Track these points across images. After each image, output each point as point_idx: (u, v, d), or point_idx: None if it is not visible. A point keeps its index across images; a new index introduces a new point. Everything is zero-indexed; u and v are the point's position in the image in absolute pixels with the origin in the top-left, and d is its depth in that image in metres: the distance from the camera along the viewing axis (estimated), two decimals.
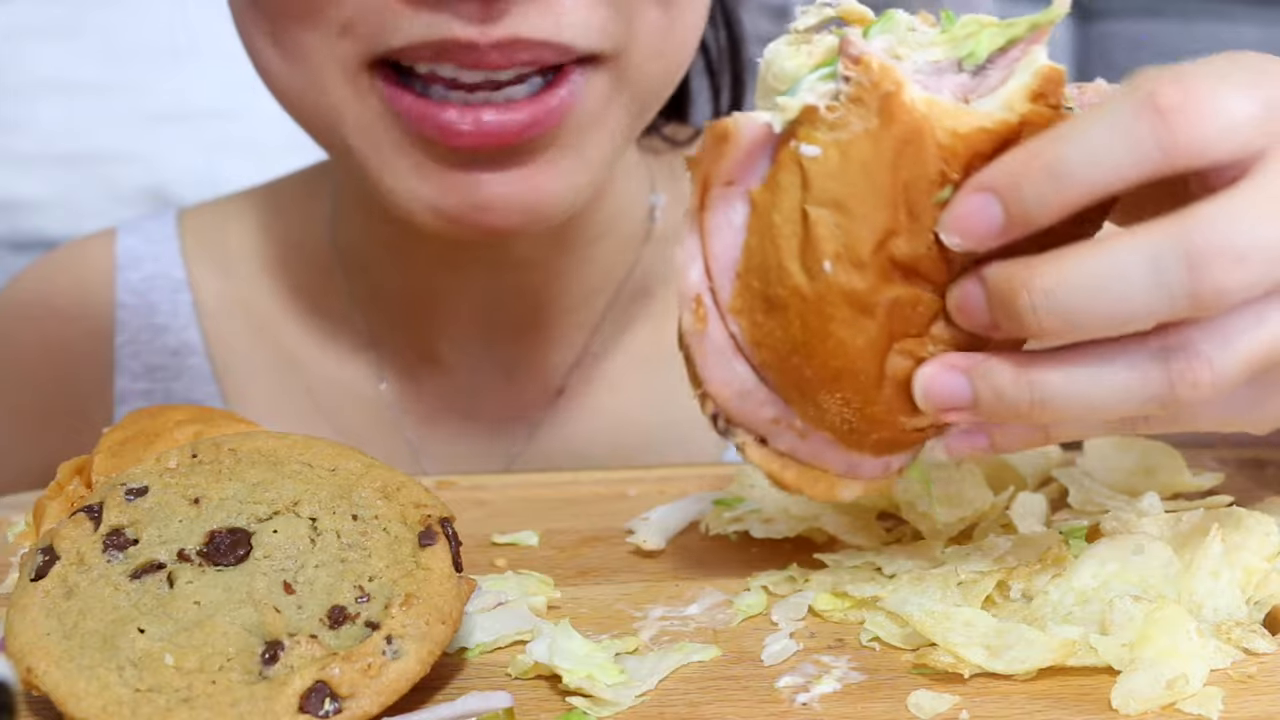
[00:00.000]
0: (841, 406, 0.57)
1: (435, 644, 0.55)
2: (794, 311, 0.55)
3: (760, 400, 0.59)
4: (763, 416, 0.59)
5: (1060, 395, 0.54)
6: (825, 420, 0.58)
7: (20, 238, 1.75)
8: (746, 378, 0.59)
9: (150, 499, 0.61)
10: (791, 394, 0.58)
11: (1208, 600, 0.60)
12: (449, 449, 0.95)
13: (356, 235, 0.95)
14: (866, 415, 0.57)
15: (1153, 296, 0.51)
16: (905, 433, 0.59)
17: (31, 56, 1.78)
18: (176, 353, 0.98)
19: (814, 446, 0.60)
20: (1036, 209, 0.53)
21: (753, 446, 0.61)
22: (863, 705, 0.56)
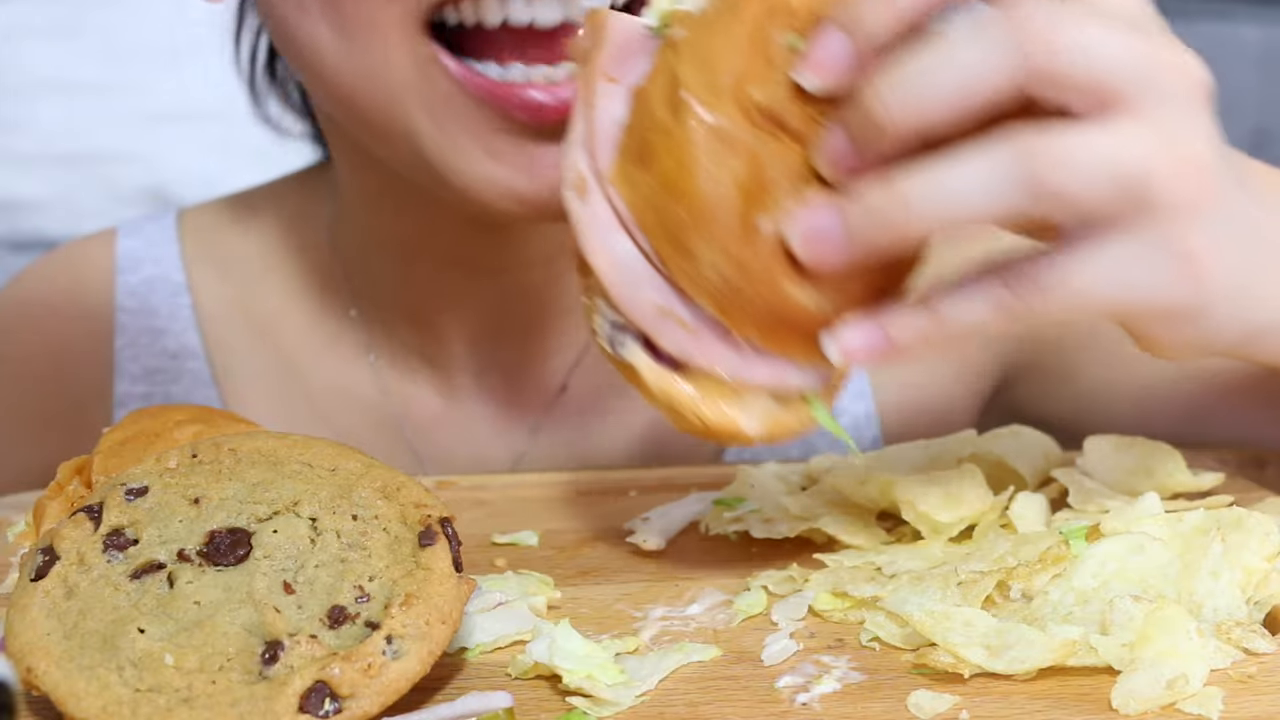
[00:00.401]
0: (714, 250, 0.57)
1: (435, 644, 0.55)
2: (663, 150, 0.57)
3: (642, 278, 0.59)
4: (647, 302, 0.59)
5: (926, 194, 0.55)
6: (702, 279, 0.57)
7: (20, 238, 1.75)
8: (628, 251, 0.59)
9: (150, 499, 0.61)
10: (669, 251, 0.58)
11: (1208, 600, 0.60)
12: (450, 451, 0.95)
13: (358, 239, 0.95)
14: (741, 262, 0.57)
15: (982, 53, 0.54)
16: (789, 303, 0.58)
17: (31, 56, 1.78)
18: (176, 356, 0.98)
19: (702, 344, 0.59)
20: (874, 25, 0.55)
21: (644, 360, 0.60)
22: (863, 705, 0.56)
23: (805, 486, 0.75)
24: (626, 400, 0.96)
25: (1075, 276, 0.56)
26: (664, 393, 0.61)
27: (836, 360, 0.58)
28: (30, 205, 1.78)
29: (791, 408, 0.62)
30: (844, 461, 0.76)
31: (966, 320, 0.57)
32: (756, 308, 0.58)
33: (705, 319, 0.59)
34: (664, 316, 0.59)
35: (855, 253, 0.56)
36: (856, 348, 0.58)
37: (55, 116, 1.78)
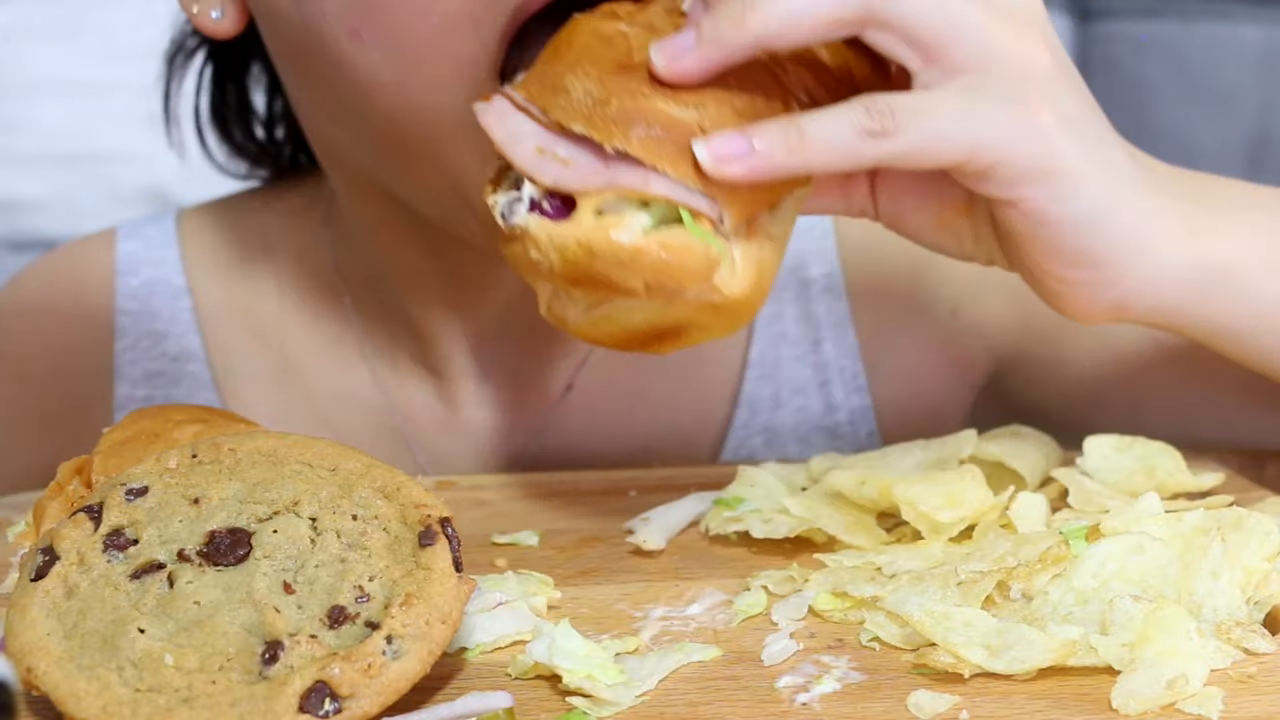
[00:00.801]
0: (584, 80, 0.63)
1: (435, 644, 0.55)
2: (548, 47, 0.66)
3: (527, 132, 0.63)
4: (529, 148, 0.63)
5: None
6: (574, 107, 0.62)
7: (20, 238, 1.75)
8: (517, 119, 0.64)
9: (150, 499, 0.61)
10: (548, 98, 0.63)
11: (1208, 600, 0.60)
12: (452, 456, 0.95)
13: (362, 255, 0.94)
14: (611, 86, 0.62)
15: None
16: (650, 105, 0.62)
17: (31, 56, 1.78)
18: (176, 359, 0.98)
19: (576, 170, 0.62)
20: None
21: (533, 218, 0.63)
22: (863, 705, 0.56)
23: (805, 486, 0.75)
24: (629, 402, 0.96)
25: (926, 107, 0.61)
26: (547, 234, 0.62)
27: (705, 162, 0.61)
28: (30, 205, 1.78)
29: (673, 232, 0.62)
30: (844, 461, 0.76)
31: (827, 136, 0.61)
32: (619, 112, 0.62)
33: (579, 150, 0.62)
34: (542, 156, 0.63)
35: (710, 53, 0.61)
36: (723, 150, 0.61)
37: (55, 116, 1.78)
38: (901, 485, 0.69)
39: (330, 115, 0.82)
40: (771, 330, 0.95)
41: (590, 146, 0.62)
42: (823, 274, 0.95)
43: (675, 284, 0.62)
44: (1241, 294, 0.68)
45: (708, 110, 0.62)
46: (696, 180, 0.61)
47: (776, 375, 0.95)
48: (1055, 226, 0.64)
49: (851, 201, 0.71)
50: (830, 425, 0.96)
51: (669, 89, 0.62)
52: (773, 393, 0.95)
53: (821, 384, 0.95)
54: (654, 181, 0.61)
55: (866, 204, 0.71)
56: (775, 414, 0.95)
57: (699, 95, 0.62)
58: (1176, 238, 0.66)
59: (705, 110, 0.62)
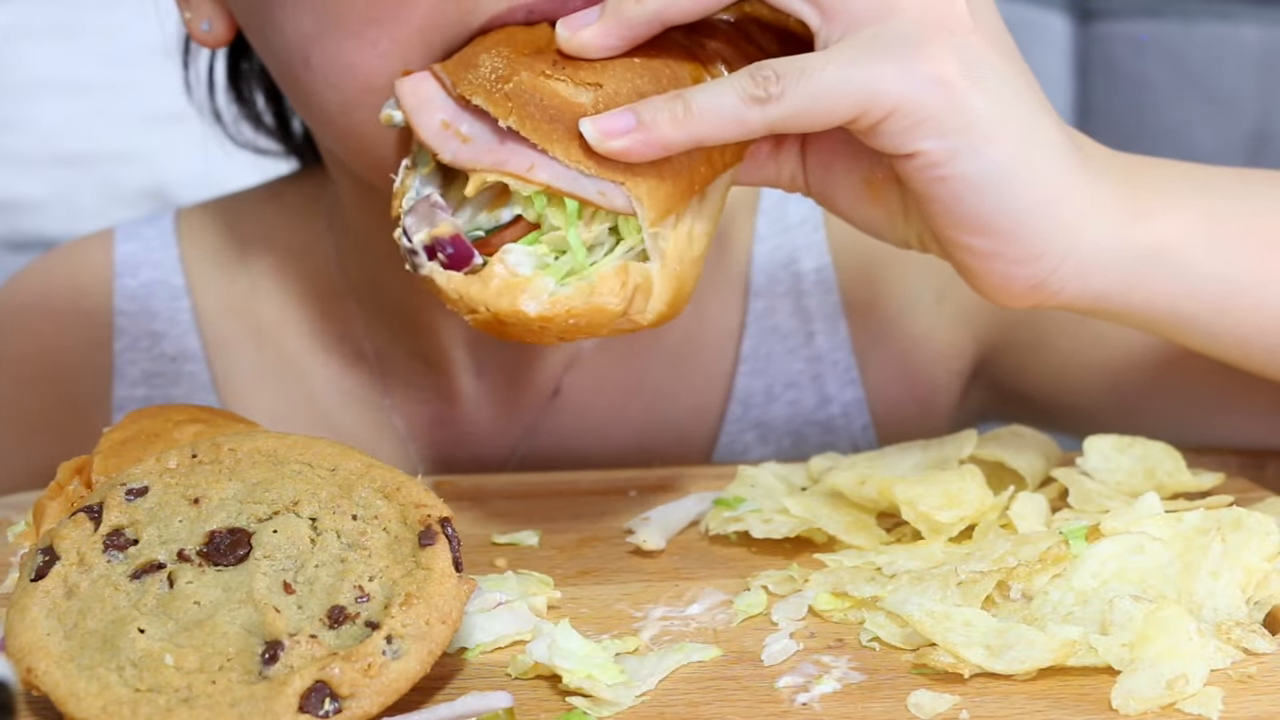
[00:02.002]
0: (493, 59, 0.64)
1: (435, 644, 0.55)
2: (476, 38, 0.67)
3: (435, 102, 0.65)
4: (435, 121, 0.64)
5: None
6: (480, 82, 0.63)
7: (20, 238, 1.75)
8: (429, 86, 0.65)
9: (150, 499, 0.61)
10: (458, 71, 0.64)
11: (1208, 600, 0.60)
12: (449, 452, 0.95)
13: (362, 250, 0.94)
14: (511, 60, 0.64)
15: None
16: (544, 83, 0.62)
17: (31, 56, 1.78)
18: (175, 359, 0.98)
19: (474, 149, 0.63)
20: None
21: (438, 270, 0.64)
22: (863, 705, 0.56)
23: (805, 486, 0.75)
24: (620, 399, 0.96)
25: (814, 65, 0.61)
26: (455, 291, 0.63)
27: (591, 137, 0.61)
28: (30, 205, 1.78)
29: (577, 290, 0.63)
30: (844, 461, 0.76)
31: (713, 106, 0.61)
32: (515, 88, 0.62)
33: (480, 126, 0.63)
34: (446, 131, 0.64)
35: (610, 27, 0.62)
36: (609, 126, 0.61)
37: (55, 116, 1.78)
38: (901, 485, 0.69)
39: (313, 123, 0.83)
40: (764, 324, 0.95)
41: (490, 123, 0.62)
42: (814, 268, 0.96)
43: (589, 333, 0.64)
44: (1181, 276, 0.66)
45: (605, 90, 0.62)
46: (590, 163, 0.61)
47: (769, 369, 0.95)
48: (953, 184, 0.62)
49: (782, 170, 0.70)
50: (824, 419, 0.96)
51: (572, 67, 0.63)
52: (766, 387, 0.95)
53: (814, 377, 0.96)
54: (540, 167, 0.62)
55: (797, 173, 0.70)
56: (769, 408, 0.95)
57: (600, 74, 0.63)
58: (1111, 220, 0.64)
59: (603, 90, 0.62)
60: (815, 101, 0.60)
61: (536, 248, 0.63)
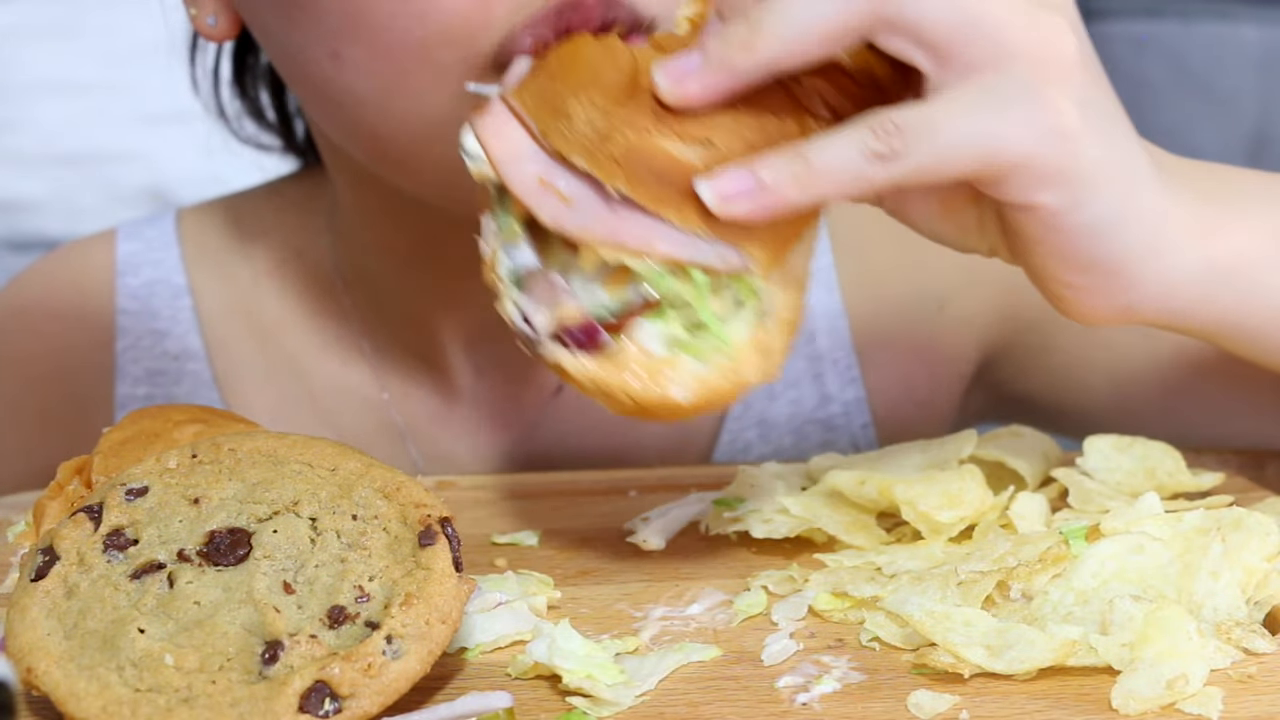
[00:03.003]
0: (587, 108, 0.60)
1: (435, 644, 0.55)
2: (552, 57, 0.63)
3: (525, 152, 0.61)
4: (529, 175, 0.61)
5: (772, 15, 0.59)
6: (575, 134, 0.60)
7: (20, 238, 1.75)
8: (515, 131, 0.62)
9: (150, 499, 0.61)
10: (548, 119, 0.61)
11: (1207, 600, 0.60)
12: (450, 451, 0.95)
13: (359, 244, 0.94)
14: (611, 115, 0.60)
15: None
16: (654, 147, 0.59)
17: (31, 56, 1.78)
18: (177, 358, 0.98)
19: (577, 212, 0.60)
20: None
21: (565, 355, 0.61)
22: (863, 705, 0.56)
23: (805, 486, 0.75)
24: None
25: (938, 119, 0.58)
26: (591, 380, 0.61)
27: (710, 201, 0.59)
28: (30, 205, 1.78)
29: (720, 370, 0.61)
30: (844, 461, 0.76)
31: (835, 164, 0.58)
32: (623, 150, 0.59)
33: (582, 186, 0.60)
34: (544, 188, 0.60)
35: (715, 78, 0.59)
36: (728, 188, 0.59)
37: (55, 116, 1.78)
38: (901, 485, 0.69)
39: (321, 120, 0.83)
40: None
41: (592, 183, 0.59)
42: (817, 268, 0.96)
43: (724, 406, 0.64)
44: (1251, 291, 0.65)
45: (716, 146, 0.60)
46: (704, 225, 0.59)
47: None
48: (1068, 233, 0.61)
49: None
50: (824, 417, 0.96)
51: (675, 118, 0.60)
52: (767, 385, 0.95)
53: (815, 376, 0.96)
54: (659, 238, 0.59)
55: None
56: (769, 406, 0.95)
57: (707, 126, 0.60)
58: (1188, 239, 0.63)
59: (713, 147, 0.60)
60: (939, 159, 0.59)
61: (667, 325, 0.61)
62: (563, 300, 0.61)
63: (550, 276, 0.62)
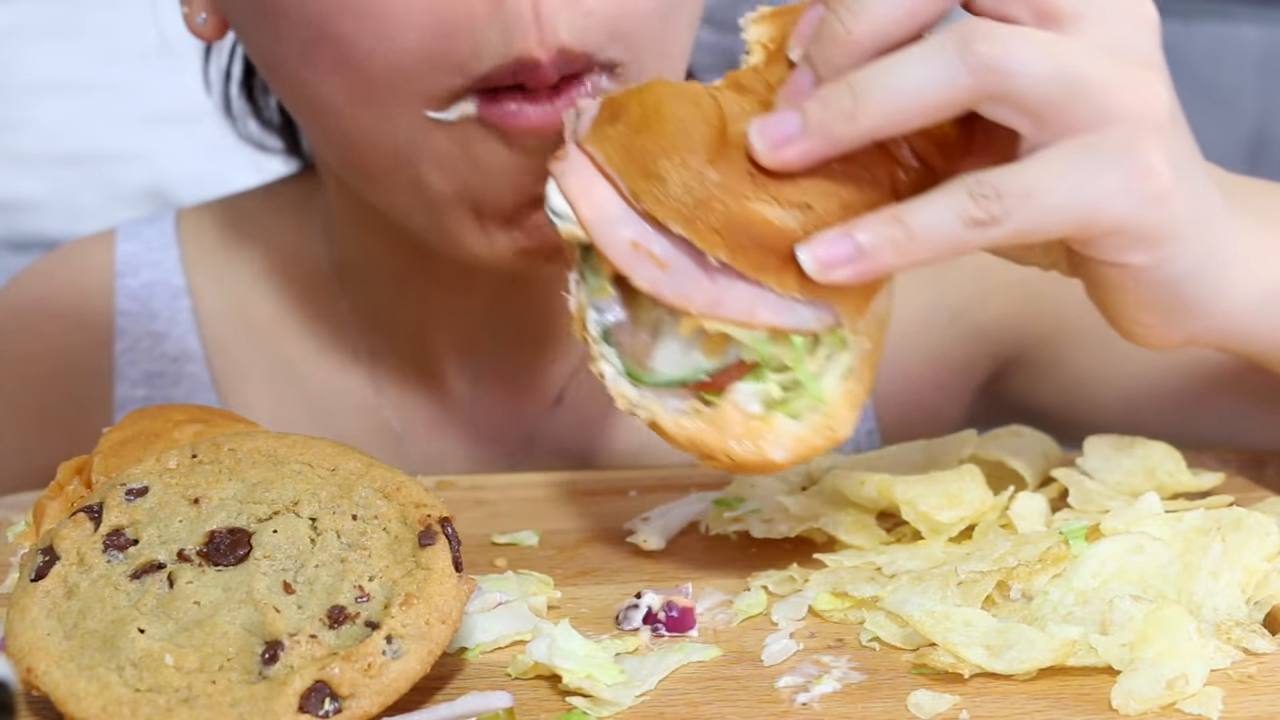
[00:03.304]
0: (681, 170, 0.59)
1: (435, 644, 0.55)
2: (633, 103, 0.61)
3: (617, 215, 0.60)
4: (622, 240, 0.60)
5: (875, 82, 0.58)
6: (670, 199, 0.59)
7: (20, 238, 1.75)
8: (604, 190, 0.60)
9: (150, 499, 0.61)
10: (640, 181, 0.59)
11: (1207, 600, 0.60)
12: (446, 459, 0.95)
13: (353, 253, 0.94)
14: (706, 179, 0.59)
15: None
16: (753, 214, 0.59)
17: (31, 56, 1.78)
18: (176, 360, 0.98)
19: (674, 278, 0.60)
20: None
21: (663, 413, 0.62)
22: (863, 705, 0.56)
23: (805, 486, 0.75)
24: None
25: (1036, 183, 0.58)
26: (689, 439, 0.62)
27: (810, 269, 0.59)
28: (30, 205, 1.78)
29: (816, 428, 0.62)
30: (844, 461, 0.76)
31: (934, 229, 0.58)
32: (723, 219, 0.59)
33: (677, 251, 0.60)
34: (638, 253, 0.60)
35: (815, 146, 0.58)
36: (828, 256, 0.59)
37: (55, 116, 1.78)
38: (901, 485, 0.69)
39: (301, 124, 0.83)
40: None
41: (688, 246, 0.59)
42: None
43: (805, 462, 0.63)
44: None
45: (814, 210, 0.59)
46: (802, 289, 0.59)
47: None
48: (1151, 285, 0.61)
49: None
50: None
51: (771, 180, 0.59)
52: None
53: None
54: (760, 306, 0.59)
55: None
56: None
57: (803, 189, 0.59)
58: (1249, 264, 0.64)
59: (811, 211, 0.59)
60: (1036, 224, 0.58)
61: (764, 385, 0.61)
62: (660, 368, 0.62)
63: (641, 336, 0.62)
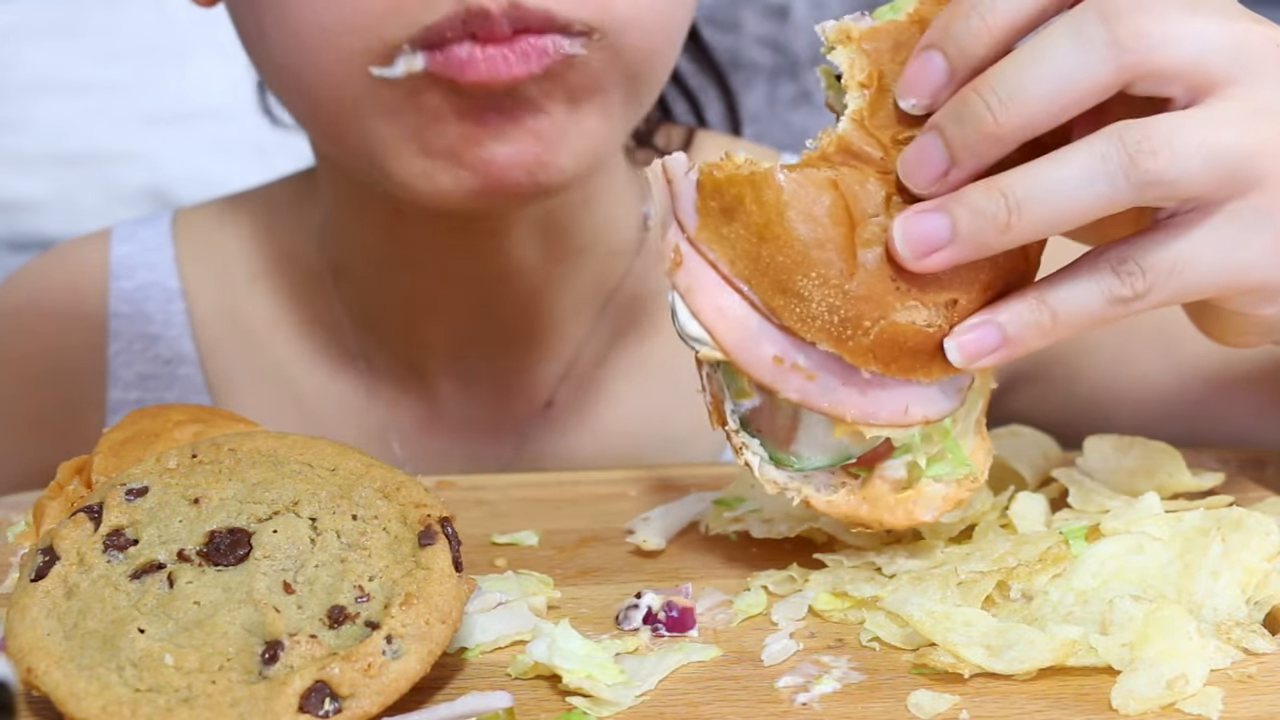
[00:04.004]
0: (821, 287, 0.57)
1: (435, 644, 0.56)
2: (749, 200, 0.57)
3: (756, 331, 0.59)
4: (764, 356, 0.59)
5: (1033, 192, 0.56)
6: (814, 318, 0.58)
7: (20, 238, 1.75)
8: (736, 305, 0.59)
9: (150, 499, 0.61)
10: (776, 298, 0.58)
11: (1207, 600, 0.60)
12: (437, 461, 0.95)
13: (347, 248, 0.95)
14: (848, 294, 0.57)
15: (1080, 53, 0.55)
16: (902, 328, 0.58)
17: (31, 56, 1.78)
18: (169, 362, 0.98)
19: (824, 388, 0.59)
20: (970, 42, 0.57)
21: (816, 497, 0.63)
22: (863, 705, 0.56)
23: None
24: (615, 411, 0.96)
25: (1184, 258, 0.57)
26: (845, 516, 0.63)
27: (959, 363, 0.59)
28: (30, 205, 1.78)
29: (960, 484, 0.64)
30: None
31: (1078, 309, 0.58)
32: (873, 337, 0.58)
33: (822, 359, 0.59)
34: (782, 367, 0.59)
35: (964, 254, 0.57)
36: (976, 349, 0.59)
37: (55, 116, 1.78)
38: None
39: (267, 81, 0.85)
40: None
41: (834, 357, 0.59)
42: None
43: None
44: None
45: (960, 305, 0.59)
46: (947, 370, 0.59)
47: None
48: (1271, 321, 0.62)
49: None
50: None
51: (918, 285, 0.58)
52: None
53: None
54: (912, 403, 0.60)
55: None
56: None
57: (947, 283, 0.58)
58: None
59: (958, 305, 0.59)
60: (1182, 295, 0.58)
61: (911, 456, 0.63)
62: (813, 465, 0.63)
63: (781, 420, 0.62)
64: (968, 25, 0.57)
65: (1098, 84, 0.55)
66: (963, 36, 0.57)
